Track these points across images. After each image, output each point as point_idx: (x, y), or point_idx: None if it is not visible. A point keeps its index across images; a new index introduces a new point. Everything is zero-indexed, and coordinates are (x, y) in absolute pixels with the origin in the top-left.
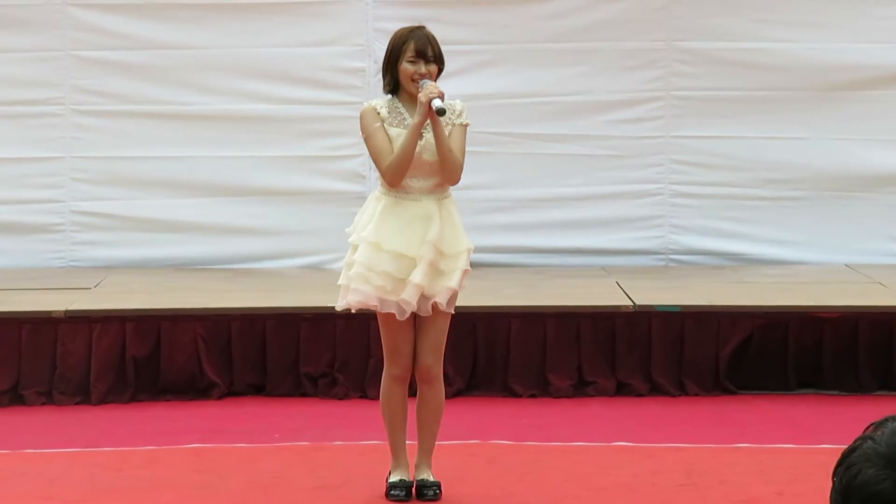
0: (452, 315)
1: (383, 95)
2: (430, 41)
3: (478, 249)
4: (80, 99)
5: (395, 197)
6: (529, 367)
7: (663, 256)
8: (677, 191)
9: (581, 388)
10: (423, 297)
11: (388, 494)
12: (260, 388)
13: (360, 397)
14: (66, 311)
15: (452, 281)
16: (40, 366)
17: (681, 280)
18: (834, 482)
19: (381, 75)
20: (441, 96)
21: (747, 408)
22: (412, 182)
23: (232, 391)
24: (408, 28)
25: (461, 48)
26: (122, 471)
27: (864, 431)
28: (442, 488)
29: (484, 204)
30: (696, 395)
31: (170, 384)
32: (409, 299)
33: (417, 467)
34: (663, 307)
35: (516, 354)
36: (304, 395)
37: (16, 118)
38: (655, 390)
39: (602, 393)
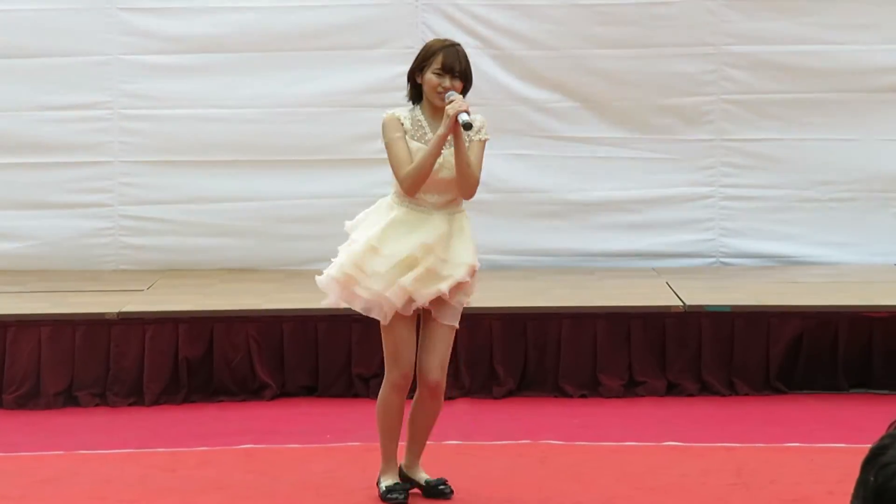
0: (457, 327)
1: (405, 104)
2: (460, 57)
3: (529, 252)
4: (129, 103)
5: (408, 208)
6: (580, 367)
7: (714, 259)
8: (728, 194)
9: (631, 388)
10: (410, 301)
11: (385, 497)
12: (312, 389)
13: (411, 398)
14: (119, 313)
15: (443, 285)
16: (94, 367)
17: (731, 280)
18: (865, 478)
19: None
20: (468, 111)
21: (797, 407)
22: (427, 197)
23: (284, 392)
24: (440, 41)
25: (511, 52)
26: (175, 471)
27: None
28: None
29: (535, 206)
30: (747, 394)
31: (222, 385)
32: (392, 298)
33: (414, 468)
34: (713, 307)
35: (567, 355)
36: (355, 395)
37: (65, 122)
38: (706, 390)
39: (652, 393)
